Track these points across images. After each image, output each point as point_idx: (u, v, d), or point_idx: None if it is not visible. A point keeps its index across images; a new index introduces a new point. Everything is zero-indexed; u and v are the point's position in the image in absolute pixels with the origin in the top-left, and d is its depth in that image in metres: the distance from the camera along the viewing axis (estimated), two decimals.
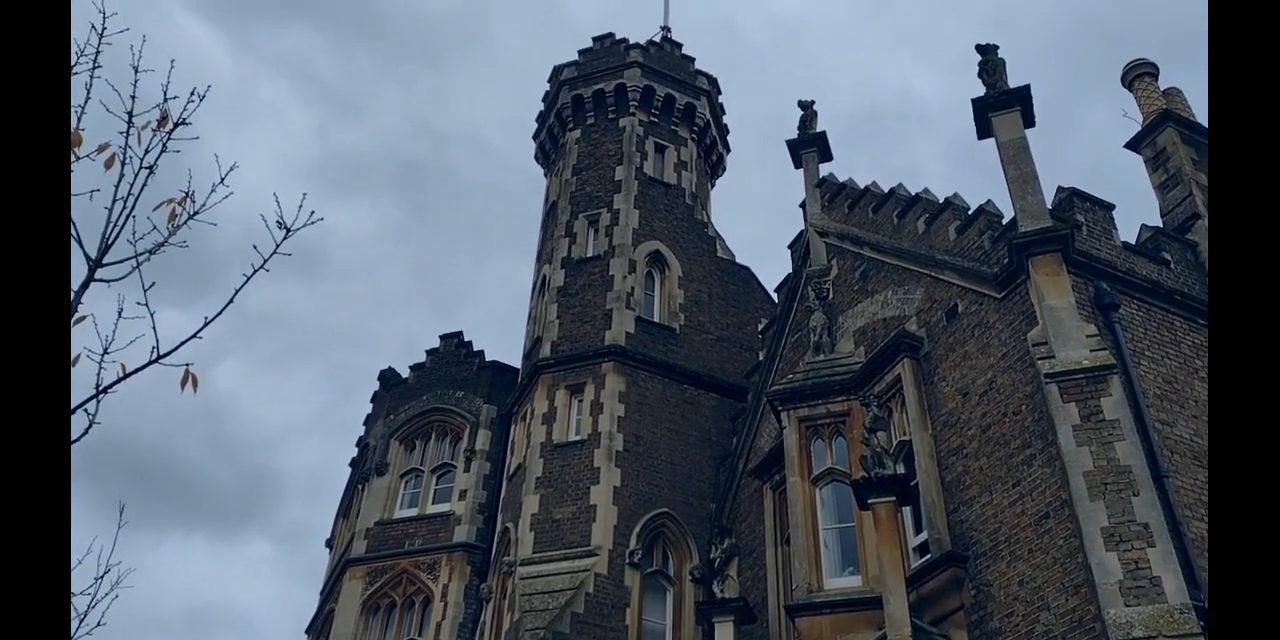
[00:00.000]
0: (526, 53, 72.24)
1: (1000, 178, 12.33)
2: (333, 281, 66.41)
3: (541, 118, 24.87)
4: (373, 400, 22.99)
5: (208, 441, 62.82)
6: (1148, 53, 58.04)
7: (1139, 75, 14.98)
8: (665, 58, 24.12)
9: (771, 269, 32.92)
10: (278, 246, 7.33)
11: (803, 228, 17.23)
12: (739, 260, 21.66)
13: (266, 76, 72.57)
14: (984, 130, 12.90)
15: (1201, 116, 14.56)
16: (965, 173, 60.38)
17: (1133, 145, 14.40)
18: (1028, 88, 12.82)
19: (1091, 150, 59.68)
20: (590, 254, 20.46)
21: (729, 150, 25.13)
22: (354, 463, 22.71)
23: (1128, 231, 12.81)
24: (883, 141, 65.07)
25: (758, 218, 61.53)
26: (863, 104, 67.07)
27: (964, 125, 63.44)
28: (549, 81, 24.83)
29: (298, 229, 7.41)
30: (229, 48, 70.96)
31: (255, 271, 7.18)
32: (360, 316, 68.62)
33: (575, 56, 24.32)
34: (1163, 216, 13.46)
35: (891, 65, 72.04)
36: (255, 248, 7.25)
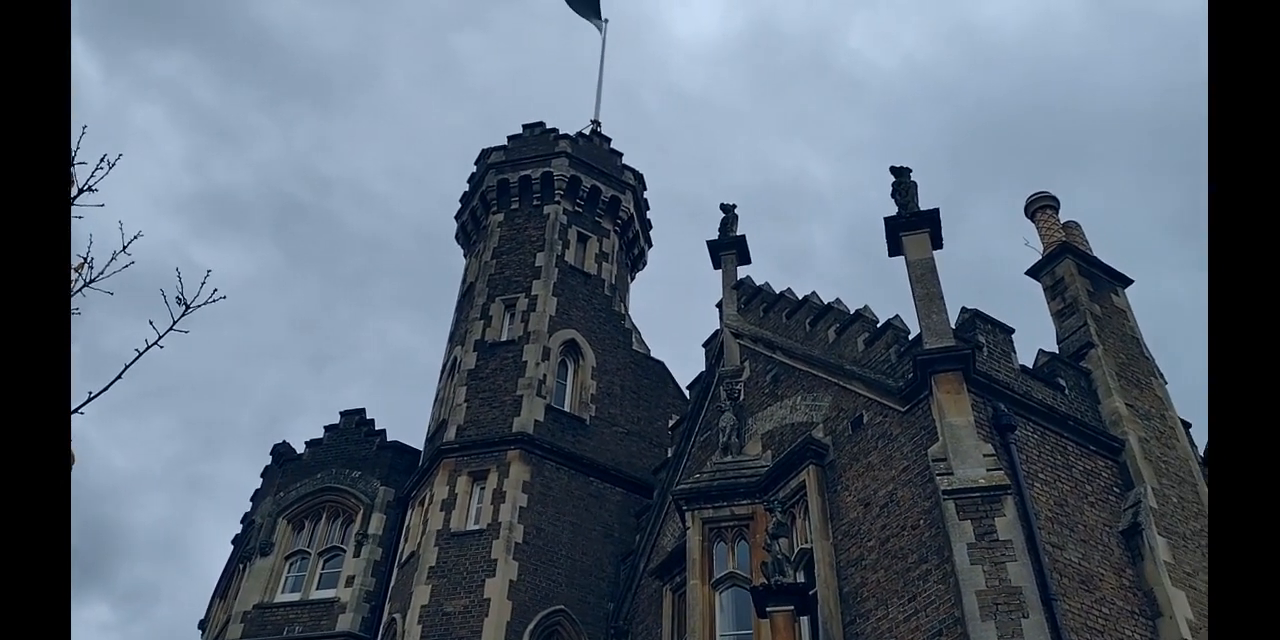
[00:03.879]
0: (417, 104, 71.79)
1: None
2: (198, 325, 62.80)
3: (465, 198, 24.98)
4: (263, 475, 22.05)
5: None
6: (1035, 146, 61.73)
7: (1041, 208, 15.86)
8: (593, 150, 24.62)
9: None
10: (175, 323, 7.08)
11: (718, 328, 17.47)
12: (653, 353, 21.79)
13: (139, 101, 69.70)
14: (894, 248, 13.42)
15: (1098, 249, 15.42)
16: (854, 255, 62.53)
17: (1033, 273, 15.13)
18: (937, 211, 13.44)
19: (977, 239, 62.12)
20: (504, 338, 20.32)
21: (650, 245, 25.56)
22: (236, 540, 21.60)
23: (1025, 353, 13.33)
24: (776, 220, 66.78)
25: (646, 289, 61.91)
26: (757, 182, 69.06)
27: (855, 210, 65.77)
28: (475, 164, 25.07)
29: (198, 306, 7.18)
30: (101, 67, 68.09)
31: (149, 347, 6.91)
32: (226, 366, 65.04)
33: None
34: (1059, 343, 14.06)
35: (787, 149, 74.81)
36: (151, 324, 6.98)
